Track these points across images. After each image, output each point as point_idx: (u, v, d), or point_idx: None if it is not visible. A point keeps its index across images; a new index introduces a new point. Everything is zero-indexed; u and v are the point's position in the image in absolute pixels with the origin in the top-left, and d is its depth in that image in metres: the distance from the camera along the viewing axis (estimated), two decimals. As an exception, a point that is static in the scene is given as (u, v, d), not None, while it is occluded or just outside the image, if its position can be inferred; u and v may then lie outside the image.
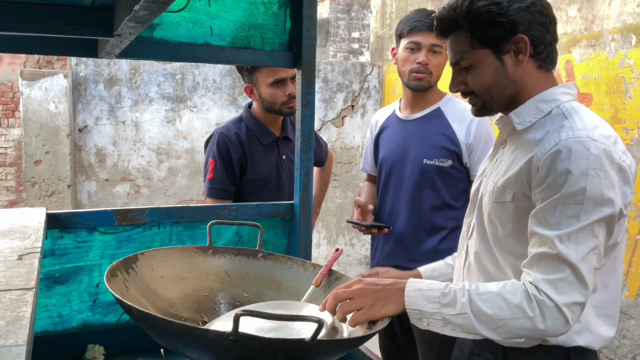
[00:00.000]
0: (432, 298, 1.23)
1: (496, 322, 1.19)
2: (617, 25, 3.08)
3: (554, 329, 1.18)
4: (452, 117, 2.27)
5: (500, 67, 1.32)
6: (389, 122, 2.43)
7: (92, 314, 1.68)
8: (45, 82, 4.50)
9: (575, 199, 1.17)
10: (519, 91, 1.34)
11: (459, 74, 1.38)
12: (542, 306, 1.17)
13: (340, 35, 8.68)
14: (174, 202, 4.94)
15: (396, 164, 2.33)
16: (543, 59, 1.34)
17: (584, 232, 1.18)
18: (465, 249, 1.49)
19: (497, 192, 1.34)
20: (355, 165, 5.51)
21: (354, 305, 1.22)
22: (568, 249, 1.17)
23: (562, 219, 1.18)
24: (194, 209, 1.77)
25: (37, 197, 4.58)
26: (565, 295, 1.17)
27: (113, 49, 1.41)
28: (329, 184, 3.03)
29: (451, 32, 1.35)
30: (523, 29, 1.29)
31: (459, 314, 1.20)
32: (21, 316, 0.74)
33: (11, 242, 1.14)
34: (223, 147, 2.38)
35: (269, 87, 2.33)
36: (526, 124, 1.33)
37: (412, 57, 2.24)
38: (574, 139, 1.21)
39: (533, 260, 1.21)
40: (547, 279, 1.18)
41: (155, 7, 0.89)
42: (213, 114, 4.98)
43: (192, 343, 1.07)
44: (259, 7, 1.76)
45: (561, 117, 1.28)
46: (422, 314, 1.23)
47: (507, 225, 1.32)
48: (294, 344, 1.06)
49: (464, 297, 1.21)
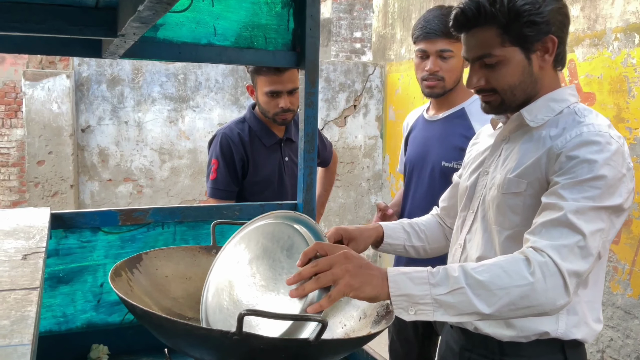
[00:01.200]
0: (420, 279, 1.12)
1: (495, 293, 1.12)
2: (620, 24, 3.07)
3: (552, 297, 1.14)
4: (476, 119, 2.19)
5: (528, 66, 1.33)
6: (417, 123, 2.39)
7: (96, 314, 1.69)
8: (48, 83, 4.51)
9: (594, 184, 1.20)
10: (537, 91, 1.36)
11: (479, 69, 1.36)
12: (544, 269, 1.14)
13: (342, 35, 8.68)
14: (176, 202, 4.94)
15: (417, 165, 2.29)
16: (560, 59, 1.37)
17: (595, 214, 1.20)
18: (461, 243, 1.49)
19: (507, 183, 1.34)
20: (358, 165, 5.51)
21: (332, 276, 1.09)
22: (579, 220, 1.18)
23: (578, 197, 1.20)
24: (198, 208, 1.77)
25: (40, 197, 4.59)
26: (568, 263, 1.16)
27: (117, 49, 1.41)
28: (333, 184, 3.04)
29: (476, 26, 1.33)
30: (555, 29, 1.31)
31: (453, 291, 1.12)
32: (26, 316, 0.74)
33: (16, 242, 1.15)
34: (226, 148, 2.38)
35: (265, 95, 2.33)
36: (539, 121, 1.35)
37: (422, 65, 2.20)
38: (596, 132, 1.24)
39: (539, 228, 1.21)
40: (553, 244, 1.16)
41: (160, 7, 0.89)
42: (215, 114, 4.98)
43: (195, 342, 1.07)
44: (262, 7, 1.76)
45: (575, 116, 1.31)
46: (410, 298, 1.11)
47: (516, 216, 1.33)
48: (298, 344, 1.06)
49: (456, 271, 1.13)
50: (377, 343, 1.17)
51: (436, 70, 2.16)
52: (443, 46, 2.14)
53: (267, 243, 1.26)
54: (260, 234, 1.30)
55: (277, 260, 1.21)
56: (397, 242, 1.58)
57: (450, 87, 2.22)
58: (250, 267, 1.25)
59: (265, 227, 1.31)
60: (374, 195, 5.58)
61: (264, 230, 1.30)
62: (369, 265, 1.13)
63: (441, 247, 1.68)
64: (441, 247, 1.68)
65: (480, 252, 1.41)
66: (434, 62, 2.16)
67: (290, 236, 1.24)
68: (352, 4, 8.75)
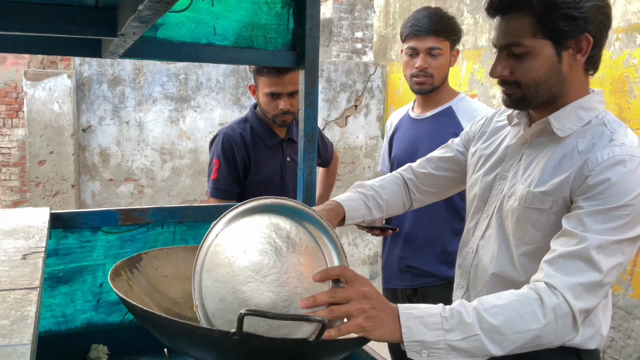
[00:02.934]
0: (433, 325, 1.10)
1: (509, 337, 1.11)
2: (622, 24, 3.07)
3: (561, 335, 1.14)
4: (463, 116, 2.26)
5: (557, 63, 1.26)
6: (402, 122, 2.44)
7: (95, 314, 1.68)
8: (49, 83, 4.51)
9: (620, 214, 1.16)
10: (563, 92, 1.30)
11: (505, 58, 1.30)
12: (557, 310, 1.12)
13: (343, 35, 8.68)
14: (177, 202, 4.94)
15: (405, 163, 2.32)
16: (593, 63, 1.30)
17: (617, 247, 1.16)
18: (474, 248, 1.47)
19: (532, 198, 1.29)
20: (359, 165, 5.50)
21: (346, 312, 1.08)
22: (599, 255, 1.15)
23: (602, 227, 1.16)
24: (197, 208, 1.77)
25: (41, 197, 4.59)
26: (581, 301, 1.14)
27: (117, 48, 1.41)
28: (334, 184, 3.03)
29: (513, 11, 1.26)
30: (592, 28, 1.24)
31: (468, 337, 1.10)
32: (25, 315, 0.74)
33: (15, 242, 1.15)
34: (227, 148, 2.38)
35: (265, 96, 2.33)
36: (567, 131, 1.29)
37: (411, 62, 2.27)
38: (629, 157, 1.19)
39: (557, 258, 1.17)
40: (569, 282, 1.14)
41: (160, 6, 0.89)
42: (216, 114, 4.98)
43: (195, 342, 1.07)
44: (262, 6, 1.76)
45: (604, 129, 1.26)
46: (424, 344, 1.09)
47: (538, 232, 1.29)
48: (298, 344, 1.06)
49: (470, 316, 1.10)
50: (377, 343, 1.17)
51: (425, 67, 2.23)
52: (432, 44, 2.21)
53: (281, 245, 1.18)
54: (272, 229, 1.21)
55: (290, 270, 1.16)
56: (358, 218, 1.57)
57: (438, 84, 2.28)
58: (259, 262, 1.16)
59: (279, 222, 1.22)
60: (374, 195, 5.57)
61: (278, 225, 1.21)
62: (384, 306, 1.11)
63: (397, 212, 1.69)
64: (397, 212, 1.70)
65: (497, 267, 1.38)
66: (423, 59, 2.22)
67: (307, 246, 1.19)
68: (353, 4, 8.74)
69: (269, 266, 1.15)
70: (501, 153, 1.46)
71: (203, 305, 1.19)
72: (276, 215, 1.24)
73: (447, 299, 1.32)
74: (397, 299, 2.36)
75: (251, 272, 1.15)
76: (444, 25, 2.22)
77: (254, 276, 1.14)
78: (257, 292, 1.13)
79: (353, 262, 5.46)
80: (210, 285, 1.19)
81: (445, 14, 2.26)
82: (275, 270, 1.15)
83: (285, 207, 1.26)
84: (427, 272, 2.29)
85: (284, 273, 1.14)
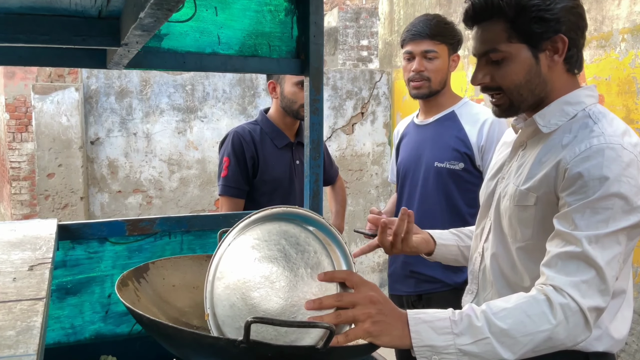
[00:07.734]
0: (442, 329, 1.09)
1: (520, 341, 1.10)
2: (627, 25, 3.05)
3: (574, 335, 1.13)
4: (466, 120, 2.26)
5: (535, 65, 1.28)
6: (408, 129, 2.46)
7: (104, 325, 1.68)
8: (57, 96, 4.54)
9: (606, 204, 1.15)
10: (547, 93, 1.31)
11: (485, 66, 1.33)
12: (566, 310, 1.11)
13: (349, 43, 8.70)
14: (185, 213, 4.95)
15: (410, 168, 2.34)
16: (573, 62, 1.31)
17: (611, 238, 1.15)
18: (480, 252, 1.47)
19: (519, 195, 1.30)
20: (366, 172, 5.50)
21: (352, 317, 1.07)
22: (595, 251, 1.14)
23: (591, 222, 1.15)
24: (204, 217, 1.77)
25: (51, 210, 4.62)
26: (589, 299, 1.13)
27: (121, 59, 1.42)
28: (346, 199, 3.02)
29: (487, 19, 1.29)
30: (565, 29, 1.26)
31: (478, 341, 1.09)
32: (31, 326, 0.73)
33: (22, 253, 1.15)
34: (237, 146, 2.42)
35: (294, 86, 2.37)
36: (552, 127, 1.30)
37: (408, 67, 2.28)
38: (606, 145, 1.18)
39: (555, 260, 1.17)
40: (571, 280, 1.13)
41: (161, 13, 0.89)
42: (223, 123, 4.99)
43: (203, 351, 1.06)
44: (265, 15, 1.76)
45: (588, 121, 1.26)
46: (434, 349, 1.09)
47: (528, 229, 1.29)
48: (306, 351, 1.05)
49: (479, 320, 1.10)
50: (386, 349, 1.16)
51: (421, 69, 2.23)
52: (427, 47, 2.22)
53: (290, 251, 1.20)
54: (282, 235, 1.22)
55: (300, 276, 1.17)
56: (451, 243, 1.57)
57: (437, 88, 2.28)
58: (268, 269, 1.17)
59: (289, 229, 1.23)
60: (383, 202, 5.56)
61: (287, 232, 1.23)
62: (392, 311, 1.11)
63: None
64: None
65: (495, 263, 1.38)
66: (419, 62, 2.23)
67: (316, 252, 1.20)
68: (358, 12, 8.77)
69: (278, 272, 1.16)
70: (502, 159, 1.48)
71: (214, 314, 1.18)
72: (286, 222, 1.25)
73: (451, 305, 1.31)
74: (402, 305, 2.35)
75: (261, 278, 1.15)
76: (440, 29, 2.23)
77: (263, 282, 1.15)
78: (266, 298, 1.13)
79: (362, 269, 5.44)
80: (221, 292, 1.19)
81: (443, 19, 2.28)
82: (284, 276, 1.15)
83: (295, 215, 1.27)
84: (432, 278, 2.28)
85: (293, 279, 1.15)
